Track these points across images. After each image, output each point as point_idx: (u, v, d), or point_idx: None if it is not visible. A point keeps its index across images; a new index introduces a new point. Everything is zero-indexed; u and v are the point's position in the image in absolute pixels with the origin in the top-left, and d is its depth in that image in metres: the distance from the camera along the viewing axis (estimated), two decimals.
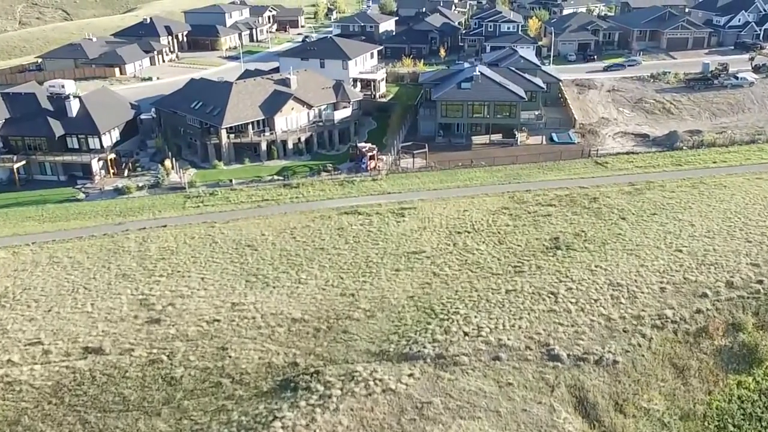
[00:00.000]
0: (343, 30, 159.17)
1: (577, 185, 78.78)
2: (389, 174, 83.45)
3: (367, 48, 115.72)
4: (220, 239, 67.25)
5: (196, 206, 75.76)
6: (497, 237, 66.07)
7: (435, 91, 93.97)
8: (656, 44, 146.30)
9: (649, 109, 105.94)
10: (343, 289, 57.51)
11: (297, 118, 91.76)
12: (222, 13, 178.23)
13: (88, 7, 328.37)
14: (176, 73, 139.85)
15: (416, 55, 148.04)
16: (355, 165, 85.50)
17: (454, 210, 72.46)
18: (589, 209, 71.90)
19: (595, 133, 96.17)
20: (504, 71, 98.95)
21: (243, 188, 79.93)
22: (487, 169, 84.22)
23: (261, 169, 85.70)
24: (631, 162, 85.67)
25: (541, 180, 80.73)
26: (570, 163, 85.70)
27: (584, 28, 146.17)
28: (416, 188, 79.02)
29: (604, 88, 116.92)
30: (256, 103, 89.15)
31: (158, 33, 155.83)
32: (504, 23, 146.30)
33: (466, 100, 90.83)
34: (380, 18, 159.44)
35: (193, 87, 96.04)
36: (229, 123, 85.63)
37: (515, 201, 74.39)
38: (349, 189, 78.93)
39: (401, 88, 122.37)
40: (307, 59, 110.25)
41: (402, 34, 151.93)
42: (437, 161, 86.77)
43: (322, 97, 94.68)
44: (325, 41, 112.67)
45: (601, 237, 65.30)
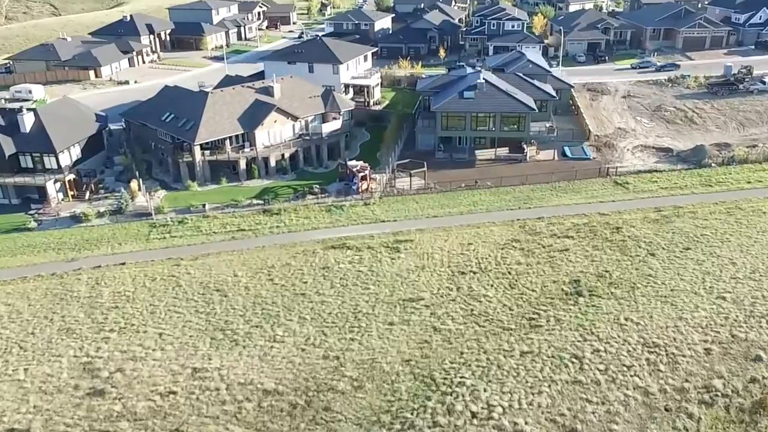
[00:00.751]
0: (336, 28, 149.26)
1: (596, 211, 69.42)
2: (383, 197, 74.00)
3: (360, 50, 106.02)
4: (186, 281, 57.85)
5: (162, 237, 66.29)
6: (508, 279, 56.75)
7: (434, 101, 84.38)
8: (671, 44, 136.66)
9: (670, 119, 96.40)
10: (327, 350, 48.27)
11: (281, 132, 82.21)
12: (208, 9, 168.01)
13: (77, 1, 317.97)
14: (156, 76, 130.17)
15: (414, 56, 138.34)
16: (344, 186, 76.06)
17: (456, 243, 63.10)
18: (611, 242, 62.59)
19: (611, 146, 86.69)
20: (510, 78, 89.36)
21: (217, 215, 70.43)
22: (494, 191, 74.77)
23: (239, 191, 76.22)
24: (654, 182, 76.23)
25: (554, 204, 71.32)
26: (586, 184, 76.27)
27: (594, 27, 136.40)
28: (414, 215, 69.58)
29: (619, 94, 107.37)
30: (235, 116, 79.59)
31: (139, 32, 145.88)
32: (508, 21, 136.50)
33: (469, 111, 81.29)
34: (375, 15, 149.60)
35: (165, 96, 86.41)
36: (203, 139, 76.09)
37: (527, 232, 65.01)
38: (337, 216, 69.48)
39: (398, 93, 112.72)
40: (294, 63, 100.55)
41: (399, 33, 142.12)
42: (437, 181, 77.33)
43: (309, 108, 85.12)
44: (313, 43, 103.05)
45: (629, 279, 56.06)
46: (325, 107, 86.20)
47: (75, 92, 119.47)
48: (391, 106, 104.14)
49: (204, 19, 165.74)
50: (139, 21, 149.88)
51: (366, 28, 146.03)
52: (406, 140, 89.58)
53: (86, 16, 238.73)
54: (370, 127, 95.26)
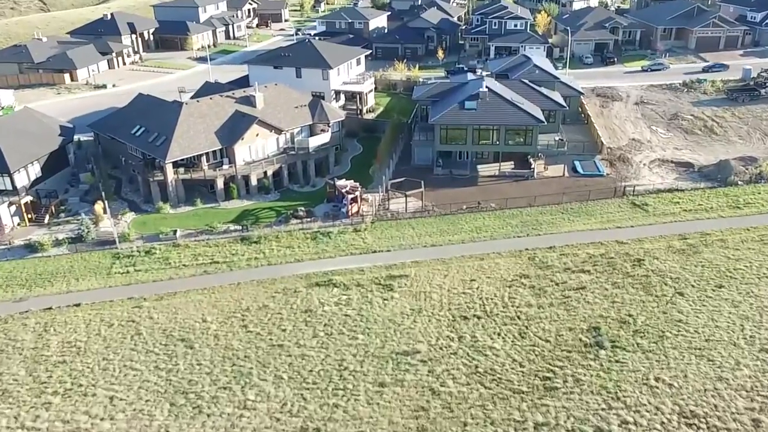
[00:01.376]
0: (329, 27, 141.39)
1: (613, 238, 61.97)
2: (376, 221, 66.45)
3: (353, 53, 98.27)
4: (147, 328, 50.35)
5: (125, 271, 58.69)
6: (517, 325, 49.33)
7: (433, 112, 76.74)
8: (683, 44, 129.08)
9: (688, 128, 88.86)
10: (306, 420, 40.92)
11: (263, 146, 74.60)
12: (195, 7, 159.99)
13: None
14: (136, 79, 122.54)
15: (411, 57, 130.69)
16: (333, 208, 68.58)
17: (458, 279, 55.64)
18: (633, 278, 55.18)
19: (626, 160, 79.15)
20: (516, 85, 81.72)
21: (189, 243, 62.86)
22: (499, 215, 67.24)
23: (216, 213, 68.67)
24: (676, 203, 68.76)
25: (566, 231, 63.84)
26: (601, 205, 68.76)
27: (602, 26, 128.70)
28: (409, 244, 62.06)
29: (631, 100, 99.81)
30: (212, 129, 71.92)
31: (119, 31, 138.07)
32: (510, 20, 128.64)
33: (470, 123, 73.70)
34: (370, 13, 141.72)
35: (137, 106, 78.69)
36: (175, 156, 68.45)
37: (537, 265, 57.54)
38: (323, 245, 61.92)
39: (393, 99, 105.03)
40: (280, 68, 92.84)
41: (395, 33, 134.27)
42: (436, 201, 69.86)
43: (295, 119, 77.49)
44: (302, 46, 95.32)
45: (656, 325, 48.72)
46: (313, 118, 78.59)
47: (48, 97, 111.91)
48: (385, 114, 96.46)
49: (190, 17, 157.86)
50: (120, 19, 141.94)
51: (360, 27, 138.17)
52: (402, 153, 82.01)
53: (71, 12, 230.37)
54: (362, 139, 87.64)
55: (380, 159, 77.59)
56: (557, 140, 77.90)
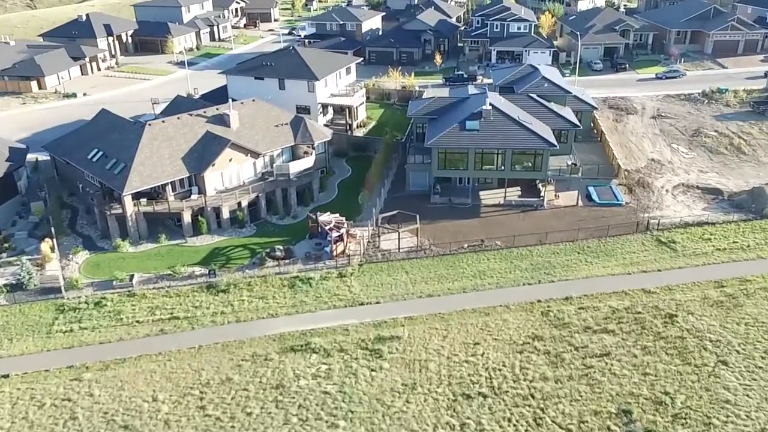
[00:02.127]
0: (319, 29, 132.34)
1: (638, 286, 53.47)
2: (364, 263, 57.82)
3: (342, 62, 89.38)
4: (85, 410, 41.78)
5: (69, 329, 50.02)
6: (530, 407, 40.88)
7: (429, 133, 68.02)
8: (698, 48, 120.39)
9: (713, 147, 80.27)
10: None
11: (238, 172, 65.96)
12: (178, 7, 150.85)
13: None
14: (110, 87, 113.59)
15: (407, 61, 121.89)
16: (315, 246, 59.97)
17: (459, 341, 47.13)
18: (666, 340, 46.76)
19: (646, 185, 70.60)
20: (522, 101, 73.02)
21: (147, 291, 54.22)
22: (505, 254, 58.64)
23: (181, 253, 60.02)
24: (707, 240, 60.25)
25: (584, 276, 55.29)
26: (622, 242, 60.19)
27: (611, 29, 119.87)
28: (402, 293, 53.45)
29: (647, 113, 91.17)
30: (179, 154, 63.22)
31: (95, 33, 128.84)
32: (513, 22, 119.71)
33: (472, 146, 65.03)
34: (363, 14, 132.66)
35: (98, 124, 69.91)
36: (135, 187, 59.72)
37: (551, 323, 49.02)
38: (302, 295, 53.29)
39: (387, 111, 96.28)
40: (261, 78, 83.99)
41: (389, 35, 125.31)
42: (433, 236, 61.32)
43: (275, 140, 68.82)
44: (286, 54, 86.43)
45: (699, 408, 40.37)
46: (295, 138, 69.89)
47: (12, 107, 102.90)
48: (378, 129, 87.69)
49: (172, 17, 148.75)
50: (96, 21, 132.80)
51: (352, 29, 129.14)
52: (396, 177, 73.31)
53: (53, 11, 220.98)
54: (352, 159, 78.93)
55: (370, 186, 68.90)
56: (570, 164, 69.27)
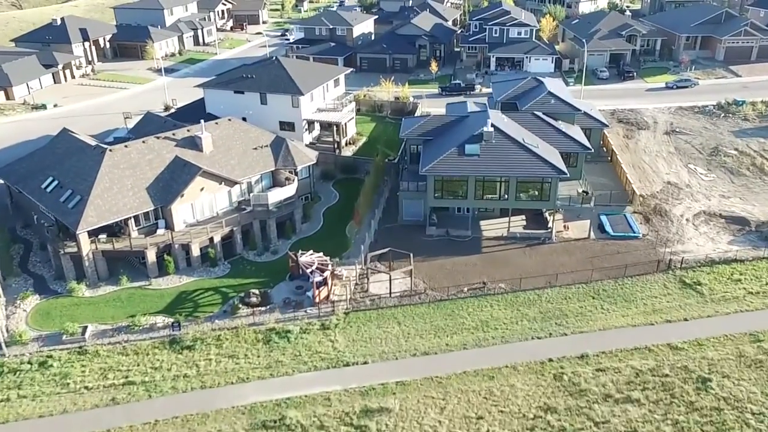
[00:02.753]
0: (308, 33, 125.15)
1: (664, 340, 46.80)
2: (350, 311, 50.95)
3: (330, 73, 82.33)
4: None
5: (5, 398, 43.00)
6: None
7: (425, 157, 61.10)
8: (709, 54, 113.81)
9: (733, 167, 73.68)
10: None
11: (211, 203, 59.04)
12: (160, 9, 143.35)
13: None
14: (84, 97, 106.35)
15: (400, 68, 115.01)
16: (295, 291, 53.07)
17: (459, 415, 40.36)
18: (700, 412, 40.14)
19: (664, 213, 63.97)
20: (527, 120, 66.21)
21: (101, 347, 47.25)
22: (511, 300, 51.85)
23: (144, 297, 53.04)
24: (737, 281, 53.63)
25: (600, 327, 48.55)
26: (642, 284, 53.48)
27: (617, 34, 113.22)
28: (394, 350, 46.58)
29: (660, 128, 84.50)
30: (143, 183, 56.24)
31: (69, 38, 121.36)
32: (513, 27, 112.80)
33: (472, 173, 58.19)
34: (354, 18, 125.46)
35: (56, 147, 62.88)
36: (91, 224, 52.72)
37: (566, 389, 42.29)
38: (279, 353, 46.39)
39: (378, 124, 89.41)
40: (242, 92, 76.97)
41: (382, 41, 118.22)
42: (429, 277, 54.58)
43: (253, 165, 61.91)
44: (268, 66, 79.29)
45: None
46: (276, 163, 63.04)
47: None
48: (369, 147, 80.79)
49: (154, 20, 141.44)
50: (71, 25, 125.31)
51: (343, 34, 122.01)
52: (388, 203, 66.48)
53: (35, 12, 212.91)
54: (340, 182, 72.04)
55: (359, 217, 62.00)
56: (581, 192, 62.44)
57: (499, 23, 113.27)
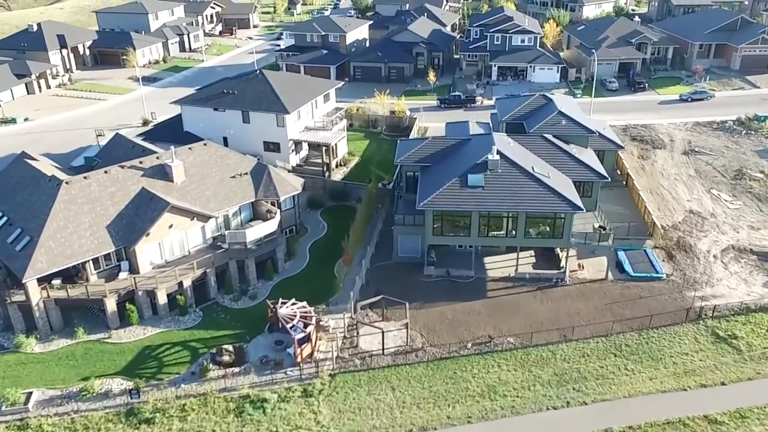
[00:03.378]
0: (298, 40, 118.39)
1: (699, 411, 40.37)
2: (337, 373, 44.36)
3: (319, 88, 75.69)
4: None
5: None
6: None
7: (422, 188, 54.39)
8: (724, 63, 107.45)
9: (761, 194, 67.24)
10: None
11: (181, 241, 52.46)
12: (144, 13, 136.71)
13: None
14: (58, 109, 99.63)
15: (396, 77, 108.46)
16: (275, 347, 46.45)
17: None
18: None
19: (688, 249, 57.51)
20: (536, 143, 59.68)
21: (46, 419, 40.64)
22: (521, 358, 45.29)
23: (102, 353, 46.44)
24: None
25: (626, 394, 42.04)
26: (669, 337, 46.97)
27: (627, 42, 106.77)
28: (386, 424, 39.95)
29: (677, 147, 78.07)
30: (104, 221, 49.63)
31: (46, 46, 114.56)
32: (517, 35, 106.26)
33: (476, 207, 51.61)
34: (348, 24, 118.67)
35: (9, 178, 56.09)
36: (41, 270, 46.11)
37: None
38: (252, 428, 39.77)
39: (372, 141, 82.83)
40: (222, 110, 70.38)
41: (377, 48, 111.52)
42: (427, 327, 48.08)
43: (230, 196, 55.31)
44: (251, 81, 72.50)
45: None
46: (257, 192, 56.45)
47: None
48: (361, 168, 74.19)
49: (138, 25, 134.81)
50: (48, 31, 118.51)
51: (335, 41, 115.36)
52: (381, 236, 59.88)
53: (19, 15, 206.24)
54: (328, 211, 65.45)
55: (349, 258, 55.39)
56: (597, 228, 55.85)
57: (502, 30, 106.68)
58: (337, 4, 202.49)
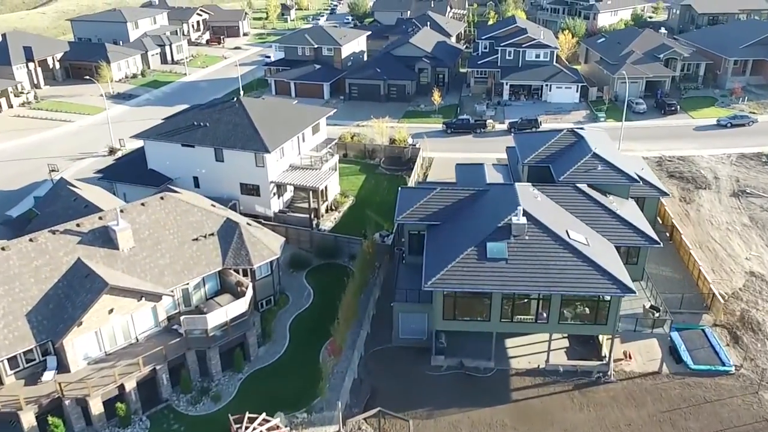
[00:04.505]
0: (289, 53, 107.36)
1: None
2: None
3: (306, 118, 64.75)
4: None
5: None
6: None
7: (429, 260, 43.47)
8: (762, 81, 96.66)
9: None
10: None
11: (125, 328, 41.61)
12: (123, 21, 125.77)
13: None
14: (18, 132, 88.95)
15: (397, 96, 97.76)
16: None
17: None
18: None
19: (756, 327, 46.68)
20: (567, 194, 48.83)
21: None
22: None
23: None
24: None
25: None
26: None
27: (654, 57, 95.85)
28: None
29: (724, 187, 67.20)
30: (24, 307, 38.90)
31: (10, 60, 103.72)
32: (531, 49, 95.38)
33: (498, 286, 40.72)
34: (343, 36, 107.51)
35: None
36: None
37: None
38: None
39: (369, 176, 71.95)
40: (191, 146, 59.57)
41: (376, 64, 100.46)
42: None
43: (190, 265, 44.54)
44: (226, 111, 61.50)
45: None
46: (224, 259, 45.67)
47: None
48: (356, 214, 63.29)
49: (116, 35, 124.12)
50: (14, 43, 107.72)
51: (330, 54, 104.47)
52: (378, 309, 49.07)
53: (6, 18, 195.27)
54: (315, 271, 54.59)
55: (337, 349, 44.48)
56: (648, 308, 44.90)
57: (514, 44, 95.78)
58: (333, 10, 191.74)
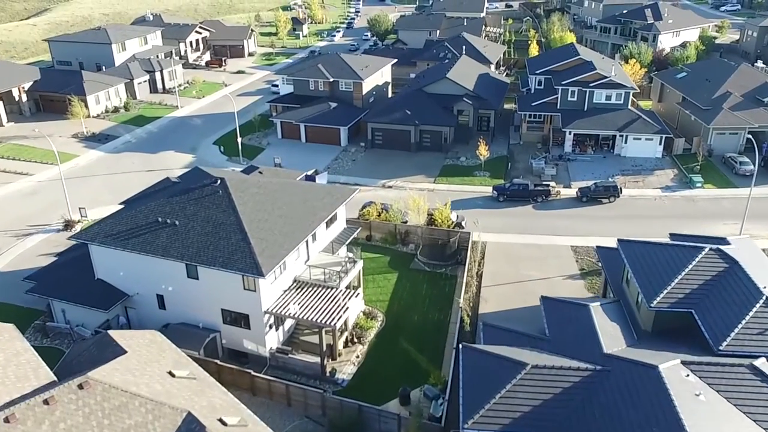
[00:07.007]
0: (299, 88, 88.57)
1: None
2: None
3: (319, 209, 45.84)
4: None
5: None
6: None
7: None
8: None
9: None
10: None
11: None
12: (107, 43, 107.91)
13: (19, 0, 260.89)
14: None
15: (431, 145, 79.21)
16: None
17: None
18: None
19: None
20: (739, 382, 29.71)
21: None
22: None
23: None
24: None
25: None
26: None
27: (756, 99, 76.12)
28: None
29: None
30: None
31: None
32: (600, 89, 76.15)
33: None
34: (365, 66, 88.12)
35: None
36: None
37: None
38: None
39: (402, 275, 52.76)
40: (154, 255, 40.97)
41: (405, 104, 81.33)
42: None
43: None
44: (206, 199, 43.26)
45: None
46: None
47: None
48: (388, 346, 44.35)
49: (99, 58, 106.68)
50: None
51: (348, 88, 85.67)
52: None
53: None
54: None
55: None
56: None
57: (578, 82, 76.58)
58: (351, 24, 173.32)
